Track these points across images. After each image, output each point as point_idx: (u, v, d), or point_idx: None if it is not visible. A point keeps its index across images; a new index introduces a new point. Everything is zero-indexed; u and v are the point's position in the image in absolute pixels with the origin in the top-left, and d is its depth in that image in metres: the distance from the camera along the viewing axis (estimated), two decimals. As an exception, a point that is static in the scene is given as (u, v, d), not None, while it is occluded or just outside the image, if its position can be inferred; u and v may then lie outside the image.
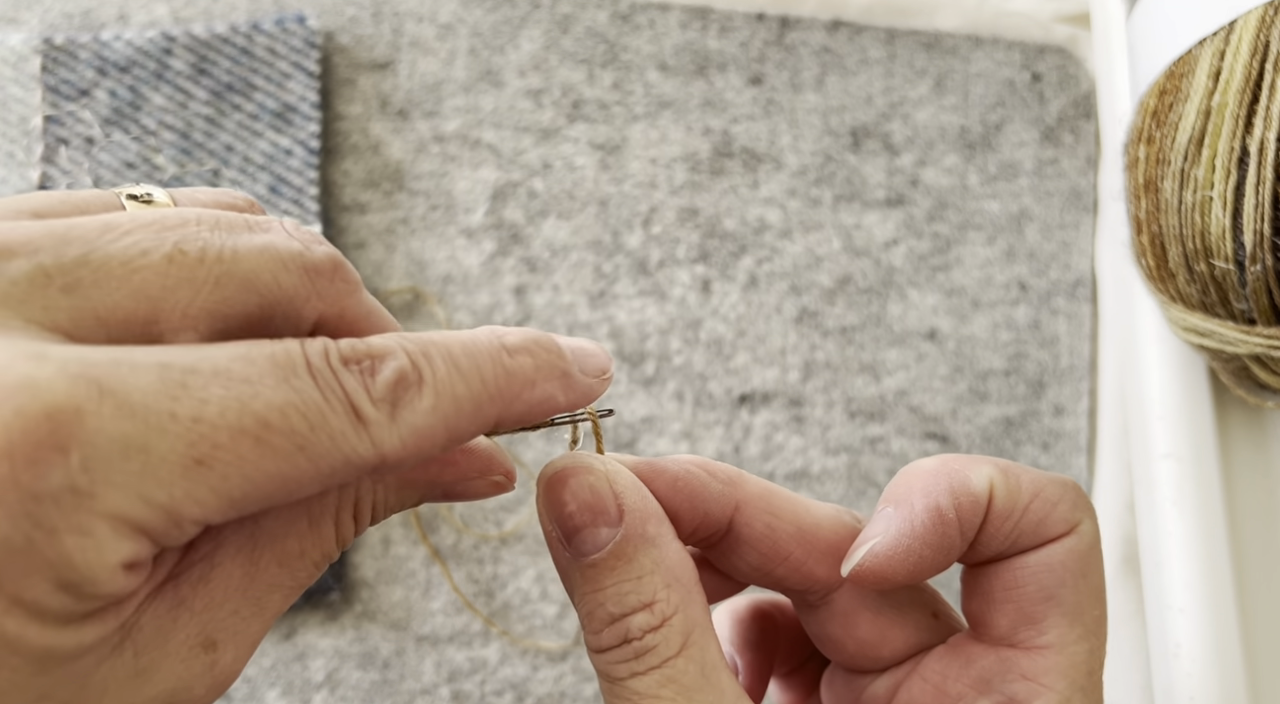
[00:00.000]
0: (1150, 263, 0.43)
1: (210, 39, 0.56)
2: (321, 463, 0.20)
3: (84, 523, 0.18)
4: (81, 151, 0.54)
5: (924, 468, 0.27)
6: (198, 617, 0.22)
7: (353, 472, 0.21)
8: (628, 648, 0.25)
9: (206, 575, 0.22)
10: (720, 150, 0.58)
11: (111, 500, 0.18)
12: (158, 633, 0.21)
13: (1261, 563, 0.44)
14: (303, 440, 0.20)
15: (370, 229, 0.56)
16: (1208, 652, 0.41)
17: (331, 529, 0.24)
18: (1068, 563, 0.27)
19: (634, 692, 0.25)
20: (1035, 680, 0.27)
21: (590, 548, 0.25)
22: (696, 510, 0.27)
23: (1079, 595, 0.27)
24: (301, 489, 0.20)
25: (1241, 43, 0.39)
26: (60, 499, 0.18)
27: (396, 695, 0.50)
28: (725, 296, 0.56)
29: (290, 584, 0.24)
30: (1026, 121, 0.59)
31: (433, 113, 0.57)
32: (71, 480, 0.18)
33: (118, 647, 0.21)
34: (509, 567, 0.52)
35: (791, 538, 0.28)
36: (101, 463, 0.18)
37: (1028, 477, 0.27)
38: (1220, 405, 0.46)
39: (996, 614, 0.28)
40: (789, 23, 0.60)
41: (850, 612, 0.29)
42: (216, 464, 0.19)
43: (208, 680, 0.22)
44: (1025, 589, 0.27)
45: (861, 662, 0.30)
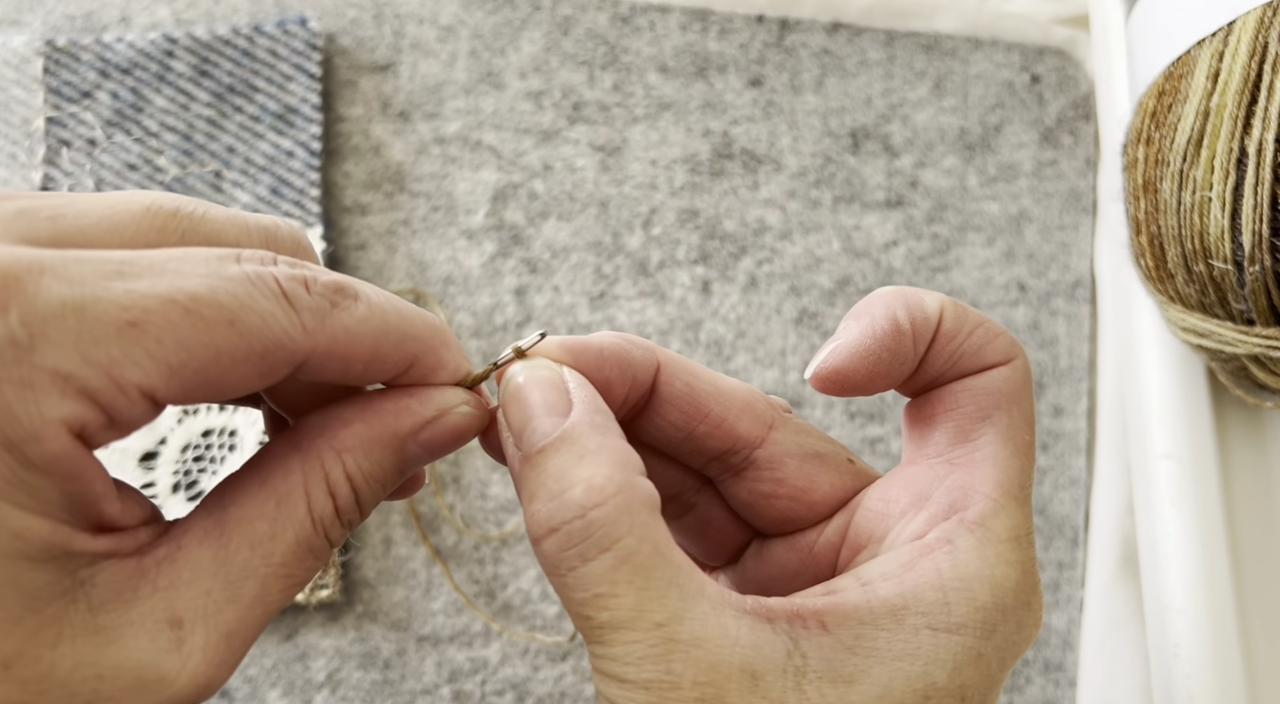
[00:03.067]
0: (1149, 263, 0.43)
1: (212, 41, 0.56)
2: (253, 340, 0.22)
3: (24, 375, 0.19)
4: (84, 153, 0.54)
5: (881, 291, 0.30)
6: (162, 592, 0.23)
7: (285, 355, 0.22)
8: (574, 528, 0.24)
9: (172, 555, 0.23)
10: (720, 152, 0.58)
11: (50, 355, 0.20)
12: (116, 596, 0.22)
13: (1260, 563, 0.44)
14: (231, 315, 0.22)
15: (371, 230, 0.56)
16: (1207, 651, 0.41)
17: (303, 507, 0.24)
18: (1004, 388, 0.29)
19: (587, 578, 0.24)
20: (972, 489, 0.28)
21: (539, 437, 0.26)
22: (625, 376, 0.28)
23: (1012, 418, 0.29)
24: (240, 368, 0.22)
25: (1240, 44, 0.39)
26: (2, 352, 0.19)
27: (397, 695, 0.50)
28: (725, 298, 0.56)
29: (266, 571, 0.24)
30: (1025, 123, 0.59)
31: (434, 114, 0.57)
32: (11, 333, 0.19)
33: (68, 593, 0.21)
34: (510, 567, 0.52)
35: (709, 396, 0.30)
36: (38, 320, 0.19)
37: (974, 311, 0.30)
38: (1219, 406, 0.46)
39: (935, 432, 0.30)
40: (789, 25, 0.60)
41: (776, 463, 0.30)
42: (150, 328, 0.20)
43: (175, 661, 0.22)
44: (964, 409, 0.29)
45: (798, 512, 0.31)
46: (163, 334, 0.21)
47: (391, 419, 0.26)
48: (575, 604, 0.25)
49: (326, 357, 0.24)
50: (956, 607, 0.26)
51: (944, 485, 0.29)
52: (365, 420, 0.26)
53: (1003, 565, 0.27)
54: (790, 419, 0.31)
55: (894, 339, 0.28)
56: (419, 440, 0.26)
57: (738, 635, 0.24)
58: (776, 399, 0.31)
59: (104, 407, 0.20)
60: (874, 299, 0.29)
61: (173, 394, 0.21)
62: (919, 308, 0.29)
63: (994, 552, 0.27)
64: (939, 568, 0.27)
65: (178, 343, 0.21)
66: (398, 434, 0.26)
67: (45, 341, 0.19)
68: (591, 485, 0.24)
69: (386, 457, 0.26)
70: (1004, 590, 0.27)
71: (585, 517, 0.24)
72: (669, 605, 0.24)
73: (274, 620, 0.50)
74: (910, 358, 0.29)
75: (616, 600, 0.24)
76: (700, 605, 0.24)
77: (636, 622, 0.24)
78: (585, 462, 0.25)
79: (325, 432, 0.26)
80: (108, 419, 0.21)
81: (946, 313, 0.29)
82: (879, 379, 0.29)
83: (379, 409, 0.26)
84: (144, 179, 0.54)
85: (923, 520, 0.28)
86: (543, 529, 0.25)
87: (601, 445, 0.25)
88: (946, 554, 0.27)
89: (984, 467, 0.28)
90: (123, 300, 0.20)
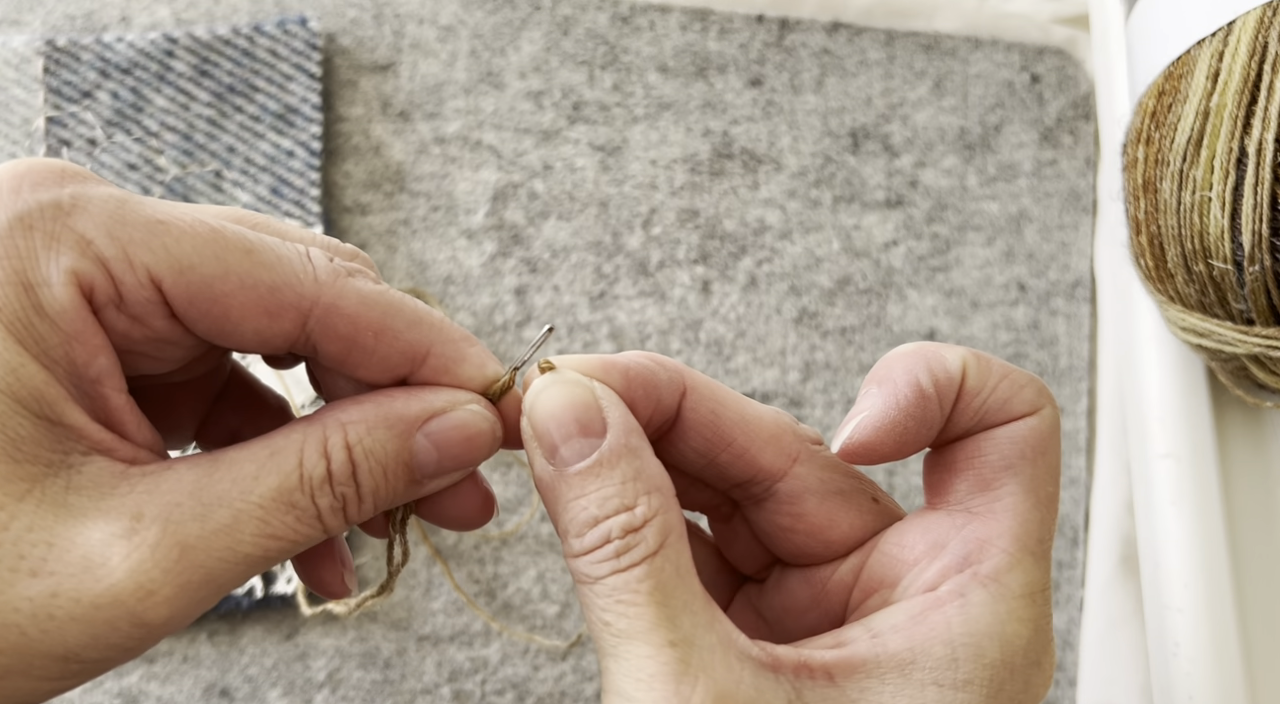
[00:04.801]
0: (1149, 263, 0.43)
1: (212, 41, 0.56)
2: (263, 271, 0.24)
3: (55, 230, 0.23)
4: (84, 153, 0.54)
5: (903, 351, 0.29)
6: (136, 494, 0.24)
7: (293, 297, 0.25)
8: (609, 547, 0.25)
9: (160, 471, 0.24)
10: (720, 152, 0.58)
11: (81, 222, 0.23)
12: (94, 486, 0.24)
13: (1260, 562, 0.44)
14: (250, 246, 0.24)
15: (371, 230, 0.56)
16: (1206, 651, 0.41)
17: (294, 459, 0.25)
18: (1029, 439, 0.28)
19: (614, 588, 0.25)
20: (989, 542, 0.28)
21: (575, 458, 0.26)
22: (650, 398, 0.28)
23: (1036, 470, 0.28)
24: (244, 294, 0.24)
25: (1240, 44, 0.39)
26: (45, 209, 0.23)
27: (398, 695, 0.50)
28: (725, 297, 0.56)
29: (241, 504, 0.24)
30: (1025, 123, 0.59)
31: (434, 114, 0.57)
32: (58, 200, 0.23)
33: (53, 465, 0.23)
34: (510, 567, 0.52)
35: (734, 425, 0.29)
36: (84, 199, 0.24)
37: (997, 361, 0.29)
38: (1218, 405, 0.46)
39: (956, 480, 0.29)
40: (788, 24, 0.60)
41: (796, 498, 0.30)
42: (172, 227, 0.24)
43: (123, 547, 0.23)
44: (987, 458, 0.28)
45: (814, 548, 0.30)
46: (182, 235, 0.24)
47: (401, 403, 0.27)
48: (596, 610, 0.25)
49: (334, 312, 0.25)
50: (964, 663, 0.26)
51: (960, 535, 0.28)
52: (375, 401, 0.27)
53: (1014, 622, 0.27)
54: (818, 453, 0.30)
55: (918, 406, 0.27)
56: (428, 434, 0.27)
57: (740, 677, 0.25)
58: (805, 428, 0.31)
59: (113, 276, 0.23)
60: (894, 362, 0.28)
61: (179, 293, 0.24)
62: (941, 368, 0.28)
63: (1006, 608, 0.27)
64: (949, 622, 0.26)
65: (194, 247, 0.24)
66: (404, 417, 0.26)
67: (82, 212, 0.23)
68: (634, 514, 0.25)
69: (390, 439, 0.26)
70: (1014, 649, 0.26)
71: (625, 540, 0.25)
72: (682, 628, 0.25)
73: (274, 620, 0.50)
74: (937, 421, 0.28)
75: (638, 610, 0.25)
76: (710, 638, 0.25)
77: (650, 636, 0.24)
78: (626, 488, 0.25)
79: (336, 408, 0.26)
80: (115, 292, 0.23)
81: (969, 369, 0.28)
82: (906, 447, 0.28)
83: (391, 394, 0.27)
84: (144, 179, 0.54)
85: (936, 570, 0.28)
86: (582, 550, 0.25)
87: (640, 470, 0.26)
88: (958, 609, 0.27)
89: (1003, 518, 0.28)
90: (159, 206, 0.24)
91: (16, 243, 0.23)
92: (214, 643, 0.50)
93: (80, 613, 0.22)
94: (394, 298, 0.26)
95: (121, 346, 0.25)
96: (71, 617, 0.22)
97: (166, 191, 0.54)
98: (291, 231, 0.27)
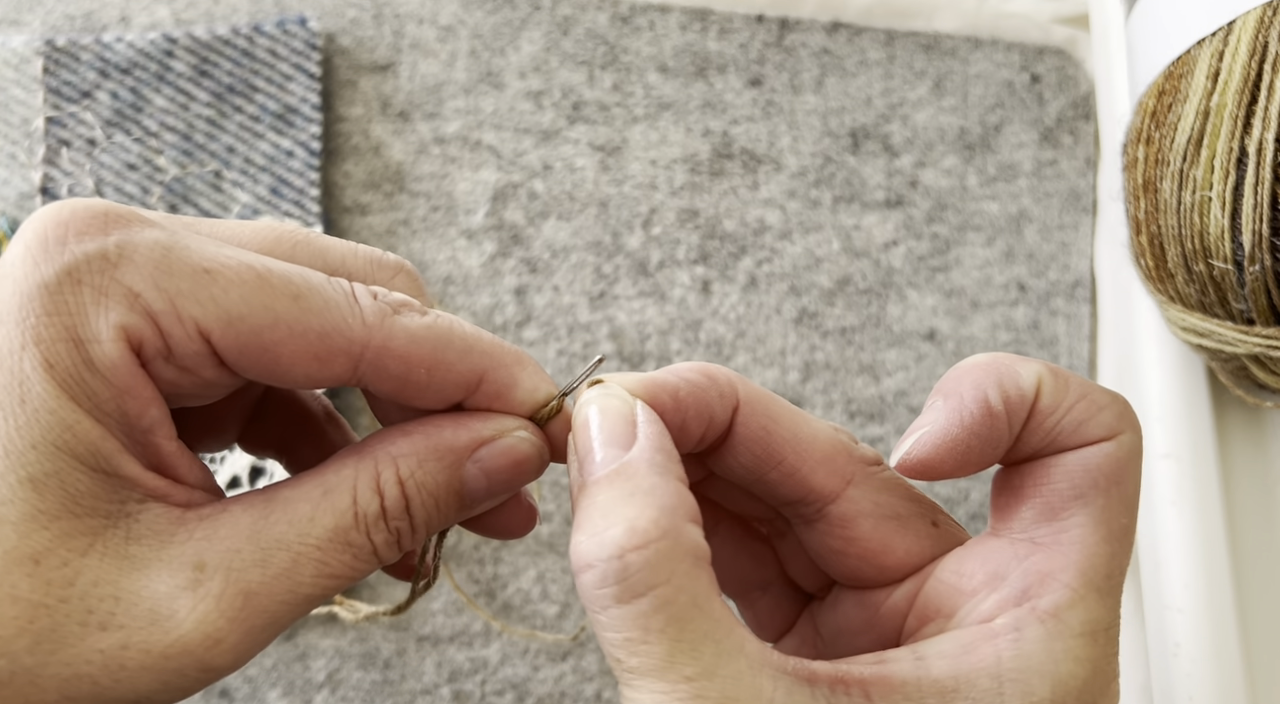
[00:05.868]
0: (1149, 263, 0.43)
1: (212, 41, 0.56)
2: (312, 317, 0.24)
3: (103, 284, 0.23)
4: (83, 153, 0.54)
5: (975, 362, 0.27)
6: (196, 541, 0.24)
7: (343, 342, 0.24)
8: (611, 568, 0.24)
9: (215, 515, 0.25)
10: (720, 152, 0.58)
11: (129, 274, 0.23)
12: (153, 534, 0.24)
13: (1260, 562, 0.44)
14: (298, 291, 0.24)
15: (371, 230, 0.56)
16: (1206, 651, 0.41)
17: (348, 498, 0.25)
18: (1103, 466, 0.26)
19: (620, 621, 0.24)
20: (1051, 576, 0.26)
21: (597, 467, 0.25)
22: (702, 417, 0.27)
23: (1109, 500, 0.26)
24: (294, 342, 0.24)
25: (1240, 44, 0.39)
26: (92, 262, 0.23)
27: (397, 695, 0.50)
28: (725, 297, 0.56)
29: (299, 547, 0.25)
30: (1025, 123, 0.59)
31: (433, 114, 0.57)
32: (105, 250, 0.23)
33: (112, 516, 0.23)
34: (510, 567, 0.52)
35: (786, 443, 0.28)
36: (130, 248, 0.23)
37: (1076, 379, 0.27)
38: (1219, 405, 0.46)
39: (1022, 507, 0.27)
40: (788, 24, 0.60)
41: (849, 521, 0.29)
42: (220, 277, 0.24)
43: (189, 600, 0.23)
44: (1056, 485, 0.27)
45: (868, 572, 0.29)
46: (230, 285, 0.24)
47: (450, 433, 0.26)
48: (607, 644, 0.24)
49: (385, 354, 0.25)
50: (1010, 699, 0.25)
51: (1022, 567, 0.26)
52: (424, 432, 0.26)
53: (1070, 662, 0.25)
54: (874, 474, 0.29)
55: (985, 425, 0.26)
56: (476, 461, 0.27)
57: (772, 697, 0.23)
58: (864, 449, 0.29)
59: (162, 331, 0.23)
60: (964, 375, 0.27)
61: (228, 345, 0.24)
62: (1014, 385, 0.26)
63: (1063, 646, 0.25)
64: (1000, 656, 0.25)
65: (242, 297, 0.24)
66: (454, 448, 0.26)
67: (129, 264, 0.23)
68: (634, 527, 0.24)
69: (441, 470, 0.26)
70: (1067, 689, 0.25)
71: (623, 558, 0.23)
72: (702, 660, 0.23)
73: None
74: (1005, 441, 0.27)
75: (648, 648, 0.23)
76: (736, 663, 0.24)
77: (666, 673, 0.23)
78: (635, 500, 0.24)
79: (385, 439, 0.26)
80: (164, 345, 0.24)
81: (1044, 387, 0.26)
82: (969, 466, 0.27)
83: (440, 423, 0.27)
84: (144, 179, 0.54)
85: (994, 603, 0.26)
86: (581, 563, 0.24)
87: (655, 487, 0.25)
88: (1011, 642, 0.25)
89: (1069, 551, 0.26)
90: (206, 252, 0.24)
91: (66, 298, 0.23)
92: (214, 643, 0.50)
93: (150, 663, 0.23)
94: (442, 329, 0.26)
95: (170, 393, 0.25)
96: (142, 666, 0.23)
97: (166, 191, 0.54)
98: (333, 247, 0.27)
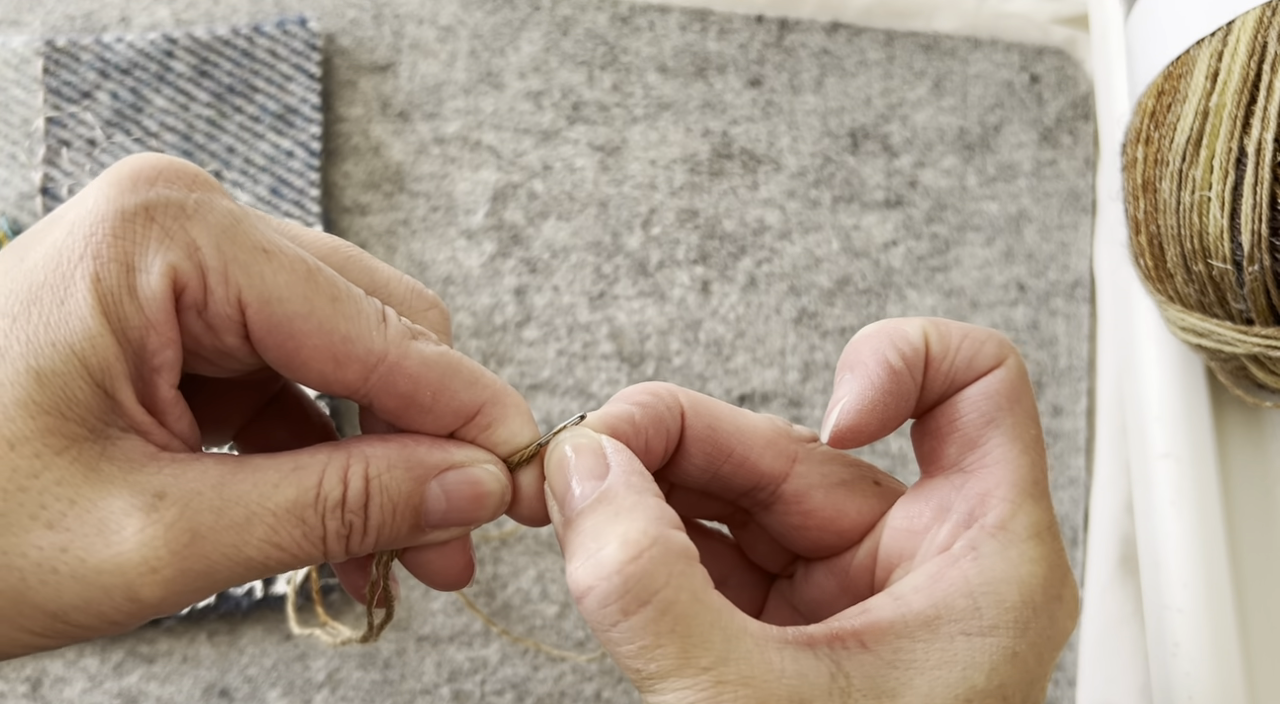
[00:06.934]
0: (1148, 263, 0.43)
1: (212, 41, 0.56)
2: (343, 321, 0.26)
3: (171, 230, 0.25)
4: (83, 153, 0.54)
5: (865, 334, 0.30)
6: (162, 476, 0.25)
7: (361, 350, 0.26)
8: (613, 584, 0.25)
9: (188, 461, 0.26)
10: (720, 152, 0.58)
11: (195, 228, 0.25)
12: (126, 459, 0.25)
13: (1259, 562, 0.44)
14: (338, 294, 0.26)
15: (371, 230, 0.56)
16: (1206, 651, 0.41)
17: (314, 478, 0.26)
18: (1001, 390, 0.29)
19: (630, 632, 0.25)
20: (988, 494, 0.29)
21: (579, 501, 0.27)
22: (660, 432, 0.30)
23: (1015, 417, 0.29)
24: (319, 337, 0.26)
25: (1239, 44, 0.39)
26: (170, 206, 0.25)
27: (397, 695, 0.50)
28: (724, 298, 0.56)
29: (257, 507, 0.25)
30: (1025, 123, 0.59)
31: (433, 115, 0.57)
32: (183, 201, 0.25)
33: (94, 431, 0.25)
34: (509, 567, 0.52)
35: (731, 435, 0.30)
36: (207, 208, 0.25)
37: (955, 324, 0.30)
38: (1218, 405, 0.46)
39: (944, 446, 0.30)
40: (788, 25, 0.60)
41: (801, 496, 0.31)
42: (273, 259, 0.25)
43: (138, 521, 0.24)
44: (967, 417, 0.30)
45: (828, 540, 0.31)
46: (280, 269, 0.25)
47: (424, 451, 0.28)
48: (622, 658, 0.25)
49: (397, 371, 0.26)
50: (986, 610, 0.27)
51: (961, 494, 0.29)
52: (401, 443, 0.28)
53: (1027, 563, 0.28)
54: (814, 449, 0.31)
55: (893, 382, 0.29)
56: (441, 482, 0.28)
57: (783, 667, 0.25)
58: (800, 429, 0.32)
59: (207, 286, 0.25)
60: (860, 345, 0.30)
61: (260, 322, 0.25)
62: (905, 342, 0.29)
63: (1017, 552, 0.28)
64: (966, 575, 0.27)
65: (287, 282, 0.25)
66: (424, 464, 0.28)
67: (200, 220, 0.25)
68: (626, 540, 0.25)
69: (407, 480, 0.27)
70: (1031, 588, 0.27)
71: (622, 571, 0.25)
72: (714, 649, 0.25)
73: (274, 620, 0.50)
74: (912, 393, 0.29)
75: (662, 650, 0.25)
76: (744, 644, 0.25)
77: (684, 669, 0.25)
78: (621, 518, 0.26)
79: (363, 440, 0.28)
80: (203, 299, 0.25)
81: (930, 337, 0.29)
82: (890, 423, 0.29)
83: (418, 439, 0.28)
84: (144, 179, 0.54)
85: (947, 531, 0.29)
86: (582, 587, 0.25)
87: (636, 504, 0.26)
88: (972, 561, 0.28)
89: (996, 469, 0.29)
90: (269, 236, 0.26)
91: (135, 228, 0.24)
92: (213, 643, 0.50)
93: (82, 573, 0.24)
94: (453, 359, 0.27)
95: (189, 348, 0.26)
96: (73, 575, 0.23)
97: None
98: (380, 269, 0.29)
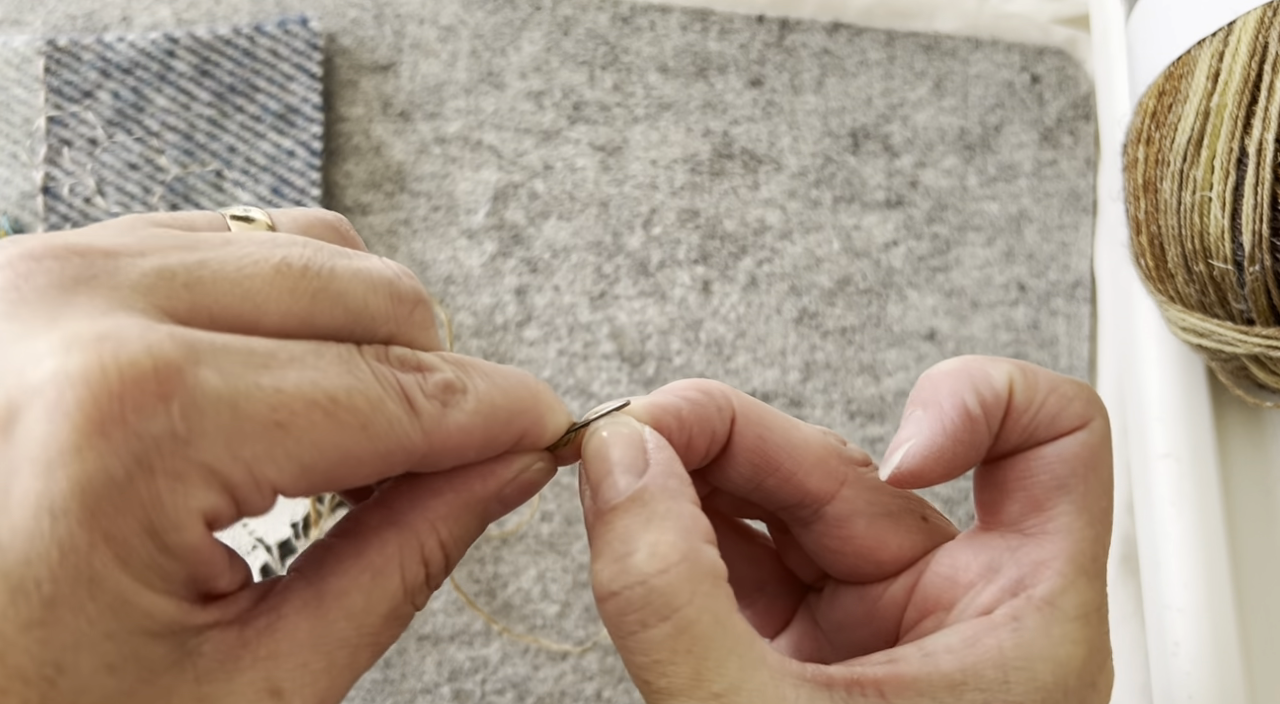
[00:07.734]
0: (1149, 263, 0.43)
1: (213, 41, 0.56)
2: (379, 443, 0.23)
3: (178, 468, 0.20)
4: (85, 153, 0.54)
5: (946, 370, 0.28)
6: (263, 662, 0.23)
7: (403, 457, 0.23)
8: (635, 594, 0.24)
9: (273, 625, 0.24)
10: (720, 152, 0.58)
11: (205, 450, 0.20)
12: (220, 666, 0.22)
13: (1260, 562, 0.44)
14: (365, 419, 0.22)
15: (372, 230, 0.56)
16: (1206, 650, 0.41)
17: (397, 579, 0.25)
18: (1080, 454, 0.28)
19: (647, 644, 0.25)
20: (1043, 564, 0.27)
21: (613, 494, 0.26)
22: (706, 433, 0.28)
23: (1088, 486, 0.28)
24: (361, 469, 0.23)
25: (1240, 44, 0.39)
26: (161, 443, 0.20)
27: (398, 694, 0.50)
28: (725, 297, 0.56)
29: (358, 640, 0.24)
30: (1025, 123, 0.59)
31: (434, 114, 0.58)
32: (172, 426, 0.20)
33: (178, 663, 0.22)
34: (510, 566, 0.52)
35: (781, 449, 0.29)
36: (197, 415, 0.20)
37: (1044, 374, 0.28)
38: (1219, 405, 0.46)
39: (1008, 502, 0.29)
40: (789, 25, 0.60)
41: (844, 520, 0.30)
42: (293, 429, 0.21)
43: None
44: (1038, 478, 0.28)
45: (865, 568, 0.30)
46: (304, 436, 0.22)
47: (479, 484, 0.26)
48: (634, 667, 0.25)
49: (441, 453, 0.24)
50: (1016, 685, 0.26)
51: (1014, 558, 0.28)
52: (454, 488, 0.26)
53: (1068, 645, 0.27)
54: (864, 475, 0.30)
55: (967, 431, 0.27)
56: (499, 498, 0.27)
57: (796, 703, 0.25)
58: (852, 449, 0.30)
59: (239, 500, 0.21)
60: (939, 382, 0.28)
61: (298, 490, 0.22)
62: (988, 387, 0.27)
63: (1060, 631, 0.27)
64: (1002, 646, 0.26)
65: (315, 445, 0.22)
66: (483, 498, 0.27)
67: (201, 436, 0.20)
68: (655, 552, 0.25)
69: (473, 519, 0.27)
70: (1067, 670, 0.27)
71: (646, 583, 0.24)
72: (727, 675, 0.24)
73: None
74: (985, 443, 0.28)
75: (675, 668, 0.24)
76: (759, 675, 0.25)
77: (694, 691, 0.24)
78: (653, 526, 0.25)
79: (417, 503, 0.26)
80: (238, 511, 0.22)
81: (1016, 386, 0.28)
82: (955, 471, 0.28)
83: (466, 475, 0.26)
84: (145, 178, 0.54)
85: (991, 594, 0.28)
86: (605, 591, 0.25)
87: (670, 510, 0.25)
88: (1011, 631, 0.27)
89: (1057, 539, 0.28)
90: (272, 400, 0.21)
91: (139, 492, 0.20)
92: (214, 642, 0.50)
93: None
94: (486, 410, 0.25)
95: None
96: None
97: (167, 191, 0.54)
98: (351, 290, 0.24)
